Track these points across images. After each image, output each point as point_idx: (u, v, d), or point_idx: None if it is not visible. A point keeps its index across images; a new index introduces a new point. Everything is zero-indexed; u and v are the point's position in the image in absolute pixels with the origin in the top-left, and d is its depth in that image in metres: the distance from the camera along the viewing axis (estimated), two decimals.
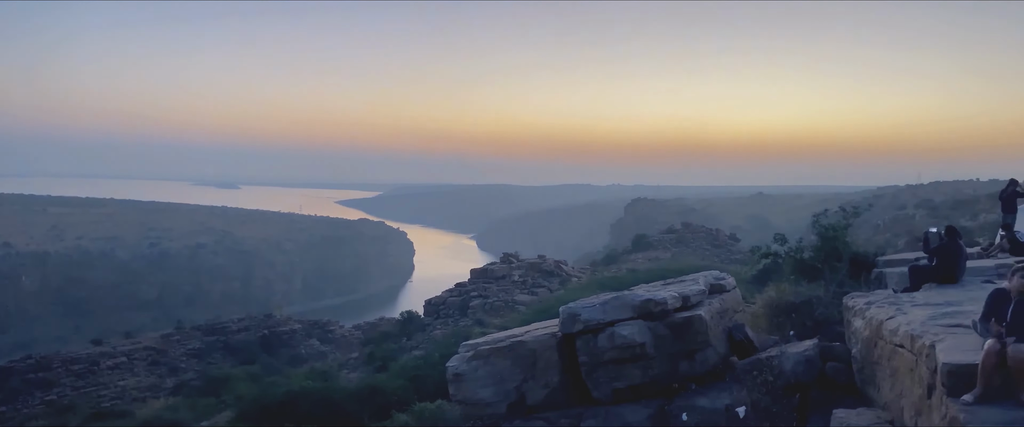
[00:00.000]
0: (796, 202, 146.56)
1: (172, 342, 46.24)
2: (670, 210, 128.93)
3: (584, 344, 9.59)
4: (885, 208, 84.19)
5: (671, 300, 9.80)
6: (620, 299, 9.85)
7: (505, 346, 9.86)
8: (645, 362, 9.38)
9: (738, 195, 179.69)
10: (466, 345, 10.38)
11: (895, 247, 32.80)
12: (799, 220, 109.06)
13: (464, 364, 9.84)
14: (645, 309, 9.61)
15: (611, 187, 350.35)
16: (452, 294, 41.41)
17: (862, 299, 9.31)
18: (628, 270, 40.46)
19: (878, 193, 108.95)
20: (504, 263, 45.27)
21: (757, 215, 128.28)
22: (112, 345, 44.74)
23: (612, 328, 9.44)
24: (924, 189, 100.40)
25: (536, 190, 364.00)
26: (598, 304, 9.83)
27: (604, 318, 9.57)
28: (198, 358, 44.62)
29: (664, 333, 9.58)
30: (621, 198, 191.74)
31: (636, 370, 9.38)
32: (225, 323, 50.59)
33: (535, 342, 9.87)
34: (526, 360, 9.75)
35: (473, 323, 33.48)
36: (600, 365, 9.47)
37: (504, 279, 42.05)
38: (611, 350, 9.34)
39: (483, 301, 38.23)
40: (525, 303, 35.73)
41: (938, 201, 75.12)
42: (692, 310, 9.96)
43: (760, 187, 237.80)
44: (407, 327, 38.73)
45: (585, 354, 9.56)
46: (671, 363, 9.56)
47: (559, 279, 42.12)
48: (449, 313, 38.74)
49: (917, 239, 31.42)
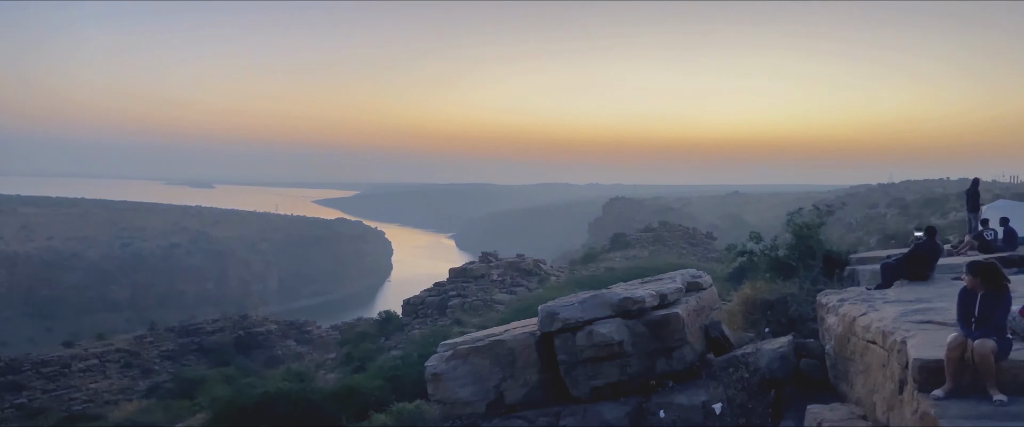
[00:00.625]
0: (771, 201, 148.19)
1: (145, 344, 45.50)
2: (648, 209, 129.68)
3: (563, 343, 9.63)
4: (857, 206, 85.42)
5: (649, 298, 9.87)
6: (598, 298, 9.91)
7: (484, 345, 9.87)
8: (623, 360, 9.44)
9: (714, 194, 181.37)
10: (445, 345, 10.37)
11: (867, 245, 33.35)
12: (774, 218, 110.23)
13: (443, 364, 9.83)
14: (623, 307, 9.67)
15: (590, 186, 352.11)
16: (431, 294, 41.19)
17: (835, 296, 9.45)
18: (606, 269, 40.60)
19: (851, 192, 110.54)
20: (483, 262, 45.17)
21: (733, 214, 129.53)
22: (84, 347, 43.91)
23: (590, 326, 9.49)
24: (895, 188, 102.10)
25: (515, 189, 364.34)
26: (576, 303, 9.88)
27: (582, 316, 9.61)
28: (172, 360, 43.99)
29: (642, 331, 9.65)
30: (599, 197, 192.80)
31: (614, 368, 9.44)
32: (199, 324, 49.91)
33: (514, 341, 9.89)
34: (505, 359, 9.76)
35: (452, 323, 33.36)
36: (579, 363, 9.51)
37: (483, 278, 41.95)
38: (589, 348, 9.39)
39: (462, 300, 38.10)
40: (504, 302, 35.69)
41: (909, 200, 76.36)
42: (669, 308, 10.05)
43: (736, 186, 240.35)
44: (385, 327, 38.51)
45: (564, 352, 9.60)
46: (649, 361, 9.63)
47: (538, 278, 42.15)
48: (428, 313, 38.54)
49: (889, 237, 31.95)
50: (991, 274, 5.86)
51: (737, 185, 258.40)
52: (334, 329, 52.12)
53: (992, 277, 5.84)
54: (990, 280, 5.83)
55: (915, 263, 10.04)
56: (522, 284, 40.76)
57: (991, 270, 5.91)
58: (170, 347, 45.50)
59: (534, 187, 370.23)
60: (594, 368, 9.45)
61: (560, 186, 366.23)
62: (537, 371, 9.77)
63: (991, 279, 5.84)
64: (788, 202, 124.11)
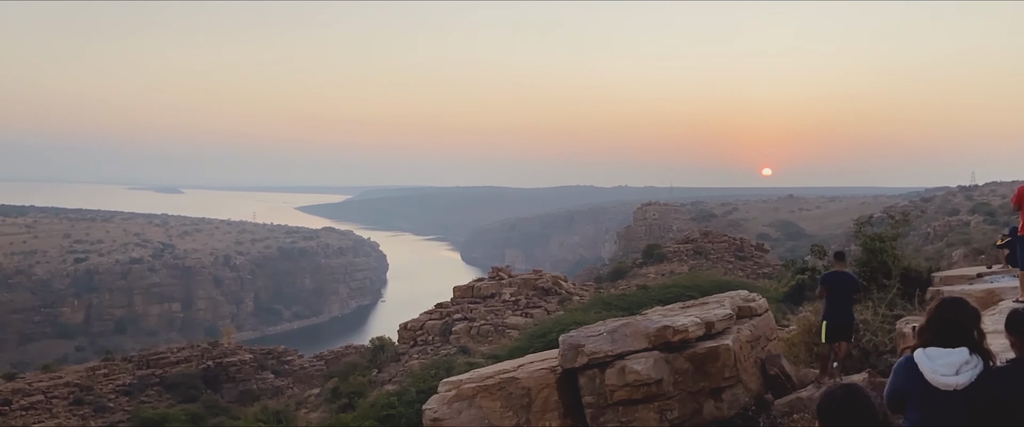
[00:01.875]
0: (831, 206, 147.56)
1: (99, 377, 45.59)
2: (686, 215, 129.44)
3: (589, 381, 9.32)
4: (935, 213, 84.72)
5: (692, 327, 9.55)
6: (631, 326, 9.60)
7: (494, 384, 9.59)
8: (662, 403, 9.12)
9: (764, 197, 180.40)
10: (447, 383, 10.10)
11: (948, 259, 32.73)
12: (835, 227, 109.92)
13: (444, 406, 9.56)
14: (662, 338, 9.35)
15: (617, 189, 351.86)
16: (431, 316, 41.14)
17: (918, 323, 9.09)
18: (638, 287, 40.33)
19: (926, 196, 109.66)
20: (493, 279, 45.01)
21: (786, 221, 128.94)
22: (27, 380, 44.07)
23: (622, 361, 9.17)
24: (979, 191, 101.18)
25: (530, 193, 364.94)
26: (605, 332, 9.58)
27: (613, 349, 9.30)
28: (129, 396, 44.03)
29: (685, 367, 9.33)
30: (629, 201, 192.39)
31: (652, 413, 9.11)
32: (162, 353, 50.02)
33: (530, 379, 9.60)
34: (519, 401, 9.47)
35: (456, 350, 33.34)
36: (608, 407, 9.20)
37: (493, 298, 41.83)
38: (621, 389, 9.07)
39: (468, 325, 38.00)
40: (518, 327, 35.48)
41: (996, 205, 75.57)
42: (717, 339, 9.73)
43: (790, 188, 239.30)
44: (378, 356, 38.43)
45: (590, 394, 9.29)
46: (694, 404, 9.31)
47: (557, 298, 41.93)
48: (428, 339, 38.49)
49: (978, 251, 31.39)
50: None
51: (790, 187, 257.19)
52: (318, 359, 52.22)
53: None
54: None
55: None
56: (539, 305, 40.55)
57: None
58: (128, 380, 45.56)
59: (553, 190, 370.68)
60: (627, 413, 9.13)
61: (582, 189, 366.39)
62: (558, 416, 9.47)
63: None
64: (851, 208, 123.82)
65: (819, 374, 10.49)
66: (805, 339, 12.33)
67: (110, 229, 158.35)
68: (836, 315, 10.31)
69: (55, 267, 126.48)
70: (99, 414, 41.60)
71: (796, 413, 8.97)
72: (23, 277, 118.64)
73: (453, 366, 22.14)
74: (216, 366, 48.20)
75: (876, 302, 12.51)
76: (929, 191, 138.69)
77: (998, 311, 9.47)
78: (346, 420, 20.83)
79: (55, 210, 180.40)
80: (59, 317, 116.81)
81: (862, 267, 14.04)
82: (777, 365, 10.50)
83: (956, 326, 4.10)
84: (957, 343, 4.05)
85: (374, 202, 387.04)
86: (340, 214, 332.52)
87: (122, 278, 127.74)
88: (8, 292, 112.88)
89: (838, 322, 10.31)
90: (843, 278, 10.53)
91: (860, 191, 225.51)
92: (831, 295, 10.40)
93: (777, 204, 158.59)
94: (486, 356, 25.26)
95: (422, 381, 21.57)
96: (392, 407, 20.39)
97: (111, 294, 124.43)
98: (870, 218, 16.45)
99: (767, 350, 10.97)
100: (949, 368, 3.98)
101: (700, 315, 10.03)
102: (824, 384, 9.67)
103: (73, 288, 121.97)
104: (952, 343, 4.05)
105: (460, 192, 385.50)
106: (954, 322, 4.10)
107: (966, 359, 4.00)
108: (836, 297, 10.36)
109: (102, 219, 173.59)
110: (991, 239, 33.72)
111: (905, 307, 12.27)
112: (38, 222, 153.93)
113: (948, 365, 3.99)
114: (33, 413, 40.17)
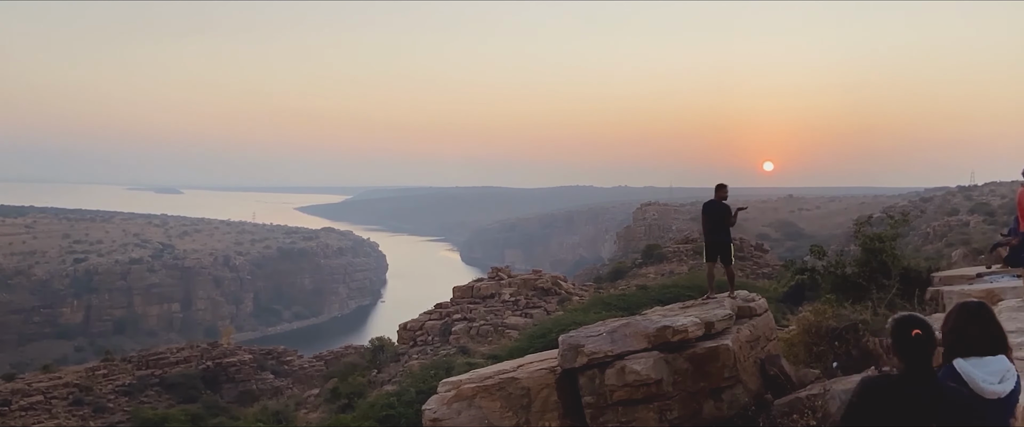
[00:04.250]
0: (831, 206, 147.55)
1: (98, 377, 45.56)
2: (685, 215, 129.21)
3: (588, 381, 9.31)
4: (934, 213, 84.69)
5: (692, 327, 9.54)
6: (631, 326, 9.59)
7: (493, 384, 9.58)
8: (662, 403, 9.10)
9: (764, 197, 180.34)
10: (446, 383, 10.09)
11: (948, 259, 32.73)
12: (835, 227, 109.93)
13: (444, 406, 9.55)
14: (661, 338, 9.34)
15: (617, 189, 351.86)
16: (431, 317, 41.13)
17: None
18: (638, 287, 40.29)
19: (925, 196, 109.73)
20: (492, 279, 44.99)
21: (786, 221, 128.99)
22: (27, 381, 44.04)
23: (622, 361, 9.16)
24: (978, 191, 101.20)
25: (530, 193, 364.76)
26: (605, 333, 9.58)
27: (612, 349, 9.29)
28: (129, 396, 44.00)
29: (684, 367, 9.32)
30: (628, 202, 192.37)
31: (651, 413, 9.09)
32: (162, 354, 50.00)
33: (529, 379, 9.59)
34: (519, 401, 9.46)
35: (456, 351, 33.32)
36: (608, 407, 9.18)
37: (492, 298, 41.84)
38: (621, 389, 9.06)
39: (468, 325, 38.00)
40: (518, 327, 35.48)
41: (995, 205, 75.55)
42: (717, 339, 9.71)
43: (789, 189, 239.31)
44: (378, 357, 38.40)
45: (590, 394, 9.28)
46: (694, 404, 9.29)
47: (557, 298, 41.93)
48: (428, 340, 38.49)
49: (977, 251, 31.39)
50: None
51: (790, 187, 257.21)
52: (318, 359, 52.23)
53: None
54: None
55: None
56: (539, 305, 40.56)
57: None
58: (127, 381, 45.54)
59: (552, 190, 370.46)
60: (627, 413, 9.12)
61: (582, 189, 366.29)
62: (558, 417, 9.46)
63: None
64: (851, 208, 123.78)
65: (708, 294, 11.99)
66: (805, 339, 12.29)
67: (109, 229, 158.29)
68: (713, 234, 12.17)
69: (55, 267, 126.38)
70: (99, 414, 41.57)
71: (796, 413, 8.94)
72: (23, 277, 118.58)
73: (453, 366, 22.12)
74: (216, 366, 48.19)
75: (876, 302, 12.50)
76: (928, 191, 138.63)
77: (998, 311, 9.47)
78: (346, 420, 20.81)
79: (55, 210, 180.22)
80: (59, 317, 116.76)
81: (862, 267, 14.04)
82: (777, 365, 10.48)
83: (990, 333, 4.00)
84: (994, 351, 3.94)
85: (374, 202, 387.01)
86: (340, 214, 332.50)
87: (122, 278, 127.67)
88: (8, 292, 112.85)
89: (714, 240, 12.20)
90: (718, 206, 12.14)
91: (860, 191, 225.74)
92: (708, 219, 12.17)
93: (777, 204, 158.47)
94: (486, 356, 25.25)
95: (422, 381, 21.55)
96: (392, 407, 20.36)
97: (111, 294, 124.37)
98: (869, 218, 16.49)
99: (767, 350, 10.96)
100: (994, 376, 3.87)
101: (700, 315, 10.03)
102: (707, 300, 11.52)
103: (73, 288, 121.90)
104: (989, 351, 3.93)
105: (460, 192, 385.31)
106: (986, 330, 4.00)
107: (1008, 366, 3.92)
108: (711, 220, 12.15)
109: (101, 219, 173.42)
110: (991, 239, 33.73)
111: (904, 307, 12.26)
112: (38, 222, 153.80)
113: (994, 373, 3.88)
114: (33, 413, 40.16)
